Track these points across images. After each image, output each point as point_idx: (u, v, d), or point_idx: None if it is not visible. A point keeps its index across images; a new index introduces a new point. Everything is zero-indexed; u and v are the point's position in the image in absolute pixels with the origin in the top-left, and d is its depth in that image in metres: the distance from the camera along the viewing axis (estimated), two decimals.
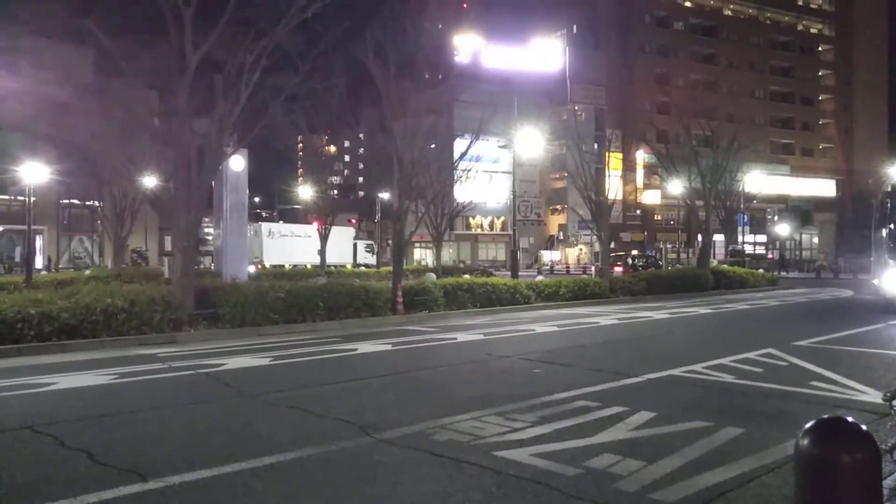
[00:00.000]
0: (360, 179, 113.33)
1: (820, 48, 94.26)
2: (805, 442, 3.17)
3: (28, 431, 6.50)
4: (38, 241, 41.79)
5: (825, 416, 3.27)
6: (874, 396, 7.52)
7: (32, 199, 22.52)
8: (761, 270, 37.80)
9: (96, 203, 41.14)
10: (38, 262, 38.93)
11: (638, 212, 78.66)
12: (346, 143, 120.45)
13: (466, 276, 24.04)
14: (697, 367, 9.88)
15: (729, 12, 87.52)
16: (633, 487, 4.93)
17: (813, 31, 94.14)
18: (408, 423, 6.67)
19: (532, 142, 37.51)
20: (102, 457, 5.64)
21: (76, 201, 44.81)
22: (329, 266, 35.63)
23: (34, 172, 22.63)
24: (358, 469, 5.38)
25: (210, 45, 15.24)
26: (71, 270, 34.09)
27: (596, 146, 59.69)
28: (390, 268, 23.65)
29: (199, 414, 7.50)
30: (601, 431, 6.37)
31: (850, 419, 3.24)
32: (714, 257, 37.89)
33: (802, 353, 11.12)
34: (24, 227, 21.49)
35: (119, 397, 8.31)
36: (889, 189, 20.16)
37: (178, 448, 5.98)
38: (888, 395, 4.53)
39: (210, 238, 32.51)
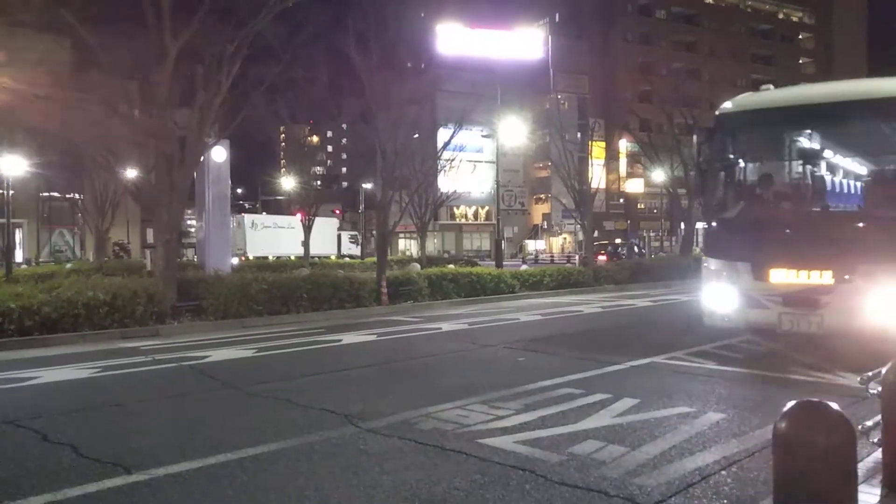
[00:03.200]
0: (344, 170, 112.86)
1: (800, 36, 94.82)
2: (782, 425, 3.22)
3: (10, 426, 6.46)
4: (18, 235, 41.34)
5: (802, 399, 3.32)
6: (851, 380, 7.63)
7: (11, 192, 22.28)
8: None
9: (77, 196, 40.74)
10: (18, 256, 38.53)
11: (621, 200, 78.94)
12: (329, 134, 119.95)
13: (451, 266, 24.07)
14: (680, 353, 9.97)
15: (710, 1, 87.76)
16: (617, 473, 4.98)
17: (794, 19, 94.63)
18: (392, 413, 6.70)
19: (515, 131, 37.56)
20: (86, 450, 5.62)
21: (56, 194, 44.31)
22: (313, 257, 35.54)
23: (12, 165, 22.37)
24: (342, 458, 5.40)
25: (190, 34, 15.11)
26: (52, 264, 33.77)
27: (579, 135, 59.78)
28: (375, 258, 23.63)
29: (183, 406, 7.48)
30: (585, 418, 6.42)
31: (826, 402, 3.29)
32: (697, 245, 38.13)
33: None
34: (3, 220, 21.26)
35: (102, 391, 8.27)
36: (717, 118, 9.78)
37: (162, 440, 5.97)
38: (865, 377, 4.60)
39: (193, 230, 32.37)
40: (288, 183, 44.45)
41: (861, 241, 8.16)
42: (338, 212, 57.11)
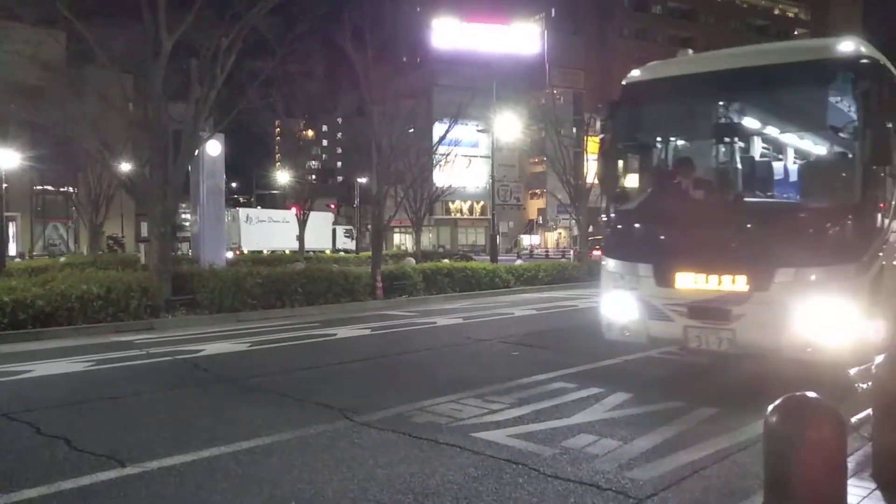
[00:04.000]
0: (339, 164, 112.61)
1: (796, 32, 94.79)
2: (773, 419, 3.25)
3: (4, 419, 6.46)
4: (11, 229, 41.20)
5: (793, 394, 3.35)
6: None
7: (4, 185, 22.18)
8: None
9: (71, 189, 40.60)
10: (12, 250, 38.40)
11: None
12: (324, 128, 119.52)
13: (446, 261, 24.07)
14: (674, 347, 9.98)
15: None
16: (610, 467, 5.00)
17: (789, 15, 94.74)
18: (386, 407, 6.71)
19: (511, 126, 37.51)
20: (80, 443, 5.62)
21: (50, 188, 44.15)
22: (308, 251, 35.50)
23: (6, 158, 22.27)
24: (337, 452, 5.41)
25: (185, 28, 15.05)
26: (46, 257, 33.68)
27: (574, 130, 59.71)
28: (369, 253, 23.62)
29: (177, 400, 7.48)
30: (578, 412, 6.45)
31: (816, 396, 3.32)
32: None
33: None
34: None
35: (96, 384, 8.26)
36: (624, 90, 8.34)
37: (156, 434, 5.98)
38: (856, 372, 4.64)
39: (187, 224, 32.25)
40: (283, 177, 44.39)
41: (781, 240, 6.68)
42: (333, 206, 57.09)
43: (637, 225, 8.03)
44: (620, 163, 8.38)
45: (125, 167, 18.99)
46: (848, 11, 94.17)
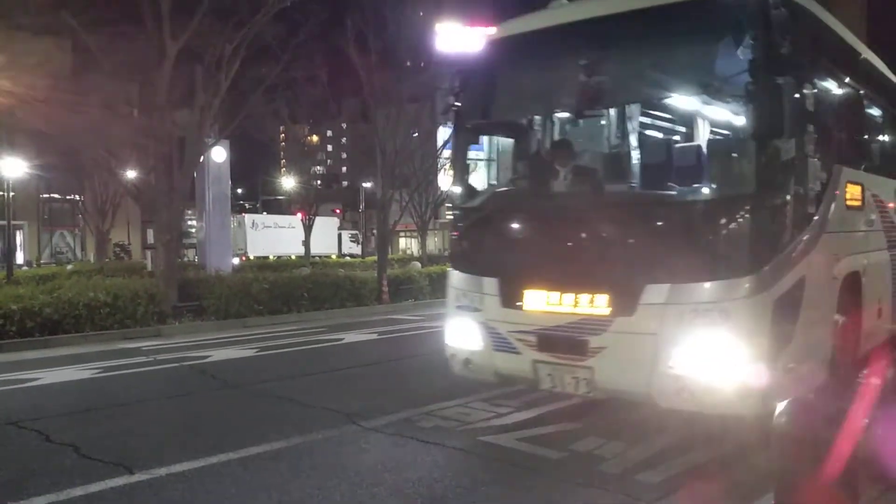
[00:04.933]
0: (344, 169, 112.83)
1: None
2: (783, 420, 3.24)
3: (13, 427, 6.47)
4: (19, 237, 41.38)
5: (804, 395, 3.34)
6: None
7: (11, 193, 22.30)
8: None
9: (77, 197, 40.75)
10: (19, 258, 38.57)
11: None
12: (329, 133, 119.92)
13: None
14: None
15: None
16: (618, 469, 5.00)
17: None
18: (394, 411, 6.71)
19: None
20: (88, 451, 5.63)
21: (56, 196, 44.31)
22: (314, 256, 35.58)
23: (12, 167, 22.38)
24: (344, 457, 5.41)
25: (189, 35, 15.11)
26: (53, 265, 33.80)
27: None
28: (375, 257, 23.64)
29: (184, 406, 7.49)
30: (585, 415, 6.43)
31: (825, 398, 3.31)
32: None
33: None
34: (4, 222, 21.26)
35: (104, 391, 8.28)
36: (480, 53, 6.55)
37: (164, 440, 5.99)
38: (865, 373, 4.63)
39: (193, 230, 32.33)
40: (288, 182, 44.49)
41: (651, 246, 5.11)
42: (338, 211, 57.15)
43: (483, 228, 6.10)
44: (473, 146, 6.63)
45: (131, 175, 19.02)
46: (851, 15, 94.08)
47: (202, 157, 17.97)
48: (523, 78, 6.24)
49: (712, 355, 4.68)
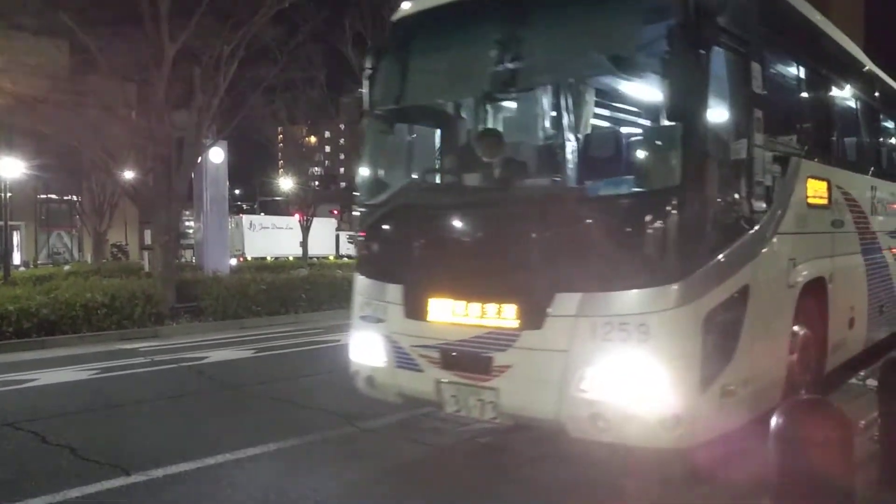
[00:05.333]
0: (342, 170, 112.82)
1: None
2: (781, 421, 3.23)
3: (9, 428, 6.45)
4: (16, 237, 41.32)
5: (801, 397, 3.33)
6: None
7: (8, 194, 22.24)
8: None
9: (75, 198, 40.71)
10: (16, 259, 38.50)
11: None
12: (327, 134, 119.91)
13: None
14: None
15: None
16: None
17: None
18: (391, 413, 6.67)
19: None
20: (85, 452, 5.62)
21: (54, 196, 44.26)
22: (311, 257, 35.53)
23: (10, 167, 22.34)
24: (341, 459, 5.40)
25: (187, 36, 15.10)
26: (50, 266, 33.76)
27: None
28: None
29: (181, 407, 7.48)
30: None
31: (824, 399, 3.30)
32: None
33: None
34: (1, 222, 21.22)
35: (101, 392, 8.26)
36: (391, 31, 5.86)
37: (161, 441, 5.97)
38: (862, 375, 4.62)
39: (191, 231, 32.29)
40: (286, 183, 44.45)
41: (564, 247, 4.45)
42: (336, 212, 57.11)
43: (388, 228, 5.50)
44: (380, 133, 5.78)
45: (128, 175, 19.01)
46: (847, 17, 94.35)
47: (200, 158, 17.95)
48: (431, 59, 5.51)
49: (630, 377, 4.01)
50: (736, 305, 4.34)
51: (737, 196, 4.51)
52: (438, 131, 6.38)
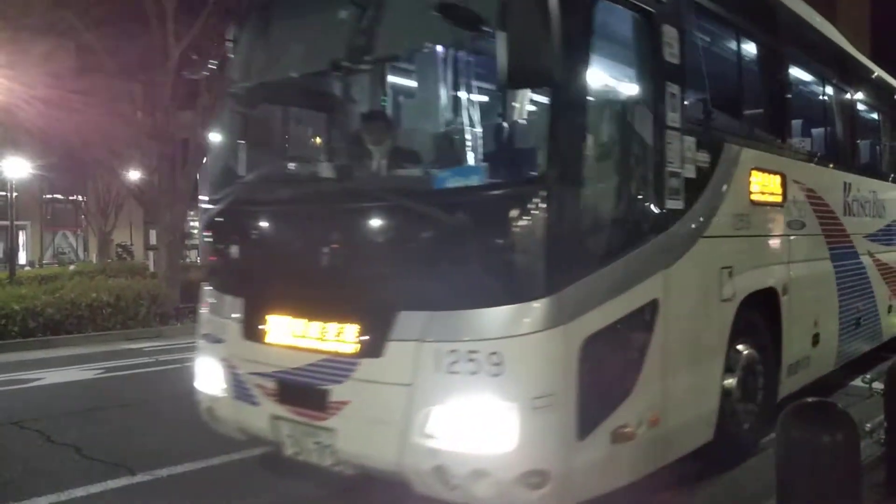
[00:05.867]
0: None
1: None
2: (787, 424, 3.21)
3: (14, 427, 6.47)
4: (21, 237, 41.42)
5: (807, 399, 3.32)
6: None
7: (14, 194, 22.30)
8: None
9: (80, 198, 40.80)
10: (22, 258, 38.61)
11: None
12: None
13: None
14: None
15: None
16: None
17: None
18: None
19: None
20: (90, 451, 5.63)
21: (59, 196, 44.35)
22: None
23: (15, 167, 22.39)
24: None
25: (193, 36, 15.12)
26: (55, 266, 33.85)
27: None
28: None
29: (186, 407, 7.41)
30: None
31: (830, 401, 3.29)
32: None
33: None
34: (6, 222, 21.27)
35: (106, 392, 8.28)
36: None
37: (166, 441, 5.97)
38: (868, 377, 4.59)
39: (196, 231, 32.34)
40: None
41: (410, 255, 3.66)
42: None
43: (229, 229, 4.59)
44: (236, 118, 4.87)
45: (134, 176, 19.04)
46: (856, 12, 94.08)
47: (205, 159, 17.97)
48: (277, 31, 4.68)
49: (480, 422, 3.17)
50: (637, 325, 3.63)
51: (637, 190, 3.74)
52: (281, 115, 5.32)
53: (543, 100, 3.35)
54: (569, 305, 3.22)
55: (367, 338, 3.55)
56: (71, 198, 43.61)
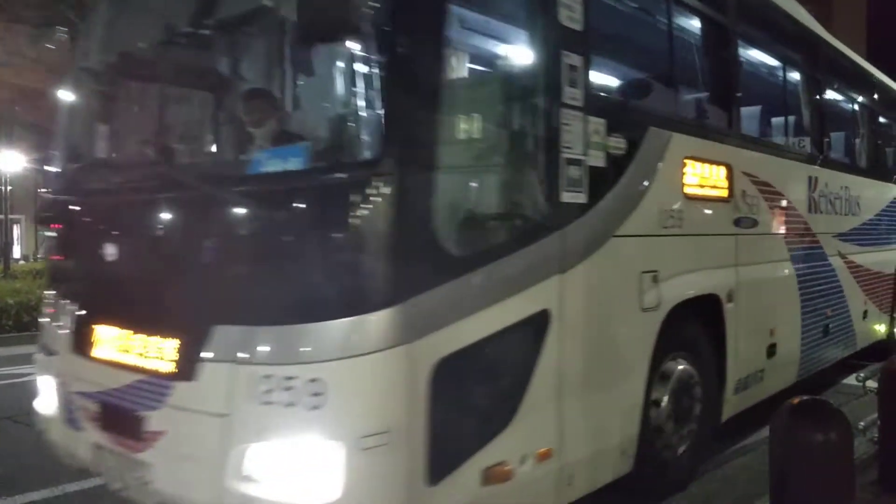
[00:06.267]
0: None
1: None
2: (780, 421, 3.22)
3: (9, 422, 6.48)
4: (16, 231, 41.28)
5: (800, 397, 3.33)
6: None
7: (9, 188, 22.22)
8: None
9: None
10: (16, 252, 38.48)
11: None
12: None
13: None
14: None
15: None
16: None
17: None
18: None
19: None
20: None
21: None
22: None
23: (10, 161, 22.29)
24: None
25: None
26: None
27: None
28: None
29: None
30: None
31: (823, 399, 3.30)
32: None
33: None
34: (1, 216, 21.19)
35: None
36: None
37: None
38: (862, 376, 4.61)
39: None
40: None
41: (221, 254, 3.07)
42: None
43: (65, 223, 4.04)
44: (79, 98, 4.26)
45: None
46: (852, 13, 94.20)
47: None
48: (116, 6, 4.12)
49: (301, 464, 2.59)
50: (518, 341, 3.04)
51: (519, 179, 3.12)
52: (109, 94, 4.37)
53: (383, 60, 2.58)
54: (416, 319, 2.59)
55: (180, 356, 2.97)
56: None
